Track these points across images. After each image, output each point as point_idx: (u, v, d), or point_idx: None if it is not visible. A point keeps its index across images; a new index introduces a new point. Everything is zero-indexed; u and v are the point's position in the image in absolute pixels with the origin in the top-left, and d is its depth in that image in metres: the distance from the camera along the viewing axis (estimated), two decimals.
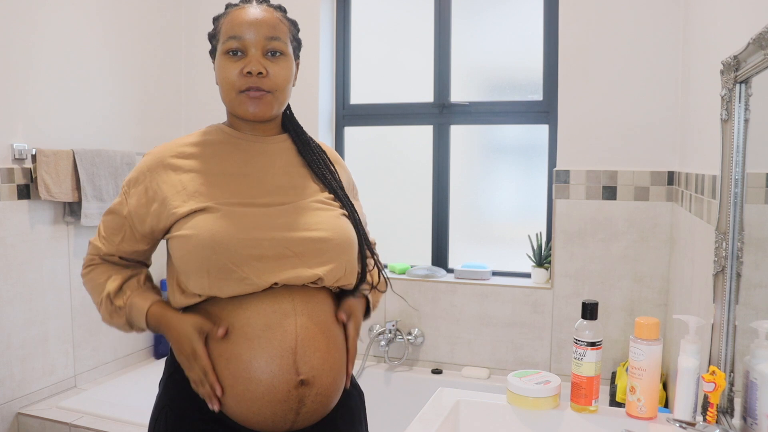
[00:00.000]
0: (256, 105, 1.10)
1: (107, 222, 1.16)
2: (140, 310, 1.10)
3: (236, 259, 1.03)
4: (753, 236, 1.10)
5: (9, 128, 2.09)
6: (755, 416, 0.97)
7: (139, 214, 1.11)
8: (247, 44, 1.09)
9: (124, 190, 1.14)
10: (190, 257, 1.05)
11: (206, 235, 1.03)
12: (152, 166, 1.12)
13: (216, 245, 1.03)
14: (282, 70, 1.11)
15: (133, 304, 1.11)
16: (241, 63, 1.09)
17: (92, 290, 1.17)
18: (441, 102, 2.65)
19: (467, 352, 2.53)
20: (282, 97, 1.13)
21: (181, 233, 1.06)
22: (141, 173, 1.12)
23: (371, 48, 2.82)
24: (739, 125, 1.13)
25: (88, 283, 1.18)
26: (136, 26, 2.60)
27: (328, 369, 1.07)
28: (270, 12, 1.12)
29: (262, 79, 1.09)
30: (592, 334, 1.16)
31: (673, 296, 2.12)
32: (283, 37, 1.12)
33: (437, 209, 2.71)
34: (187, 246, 1.05)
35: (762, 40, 0.96)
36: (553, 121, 2.46)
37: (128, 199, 1.12)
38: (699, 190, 1.61)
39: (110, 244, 1.15)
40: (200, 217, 1.05)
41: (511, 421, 1.19)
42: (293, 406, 1.04)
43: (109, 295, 1.12)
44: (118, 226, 1.14)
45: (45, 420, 2.07)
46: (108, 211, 1.17)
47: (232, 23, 1.10)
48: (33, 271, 2.17)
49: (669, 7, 2.17)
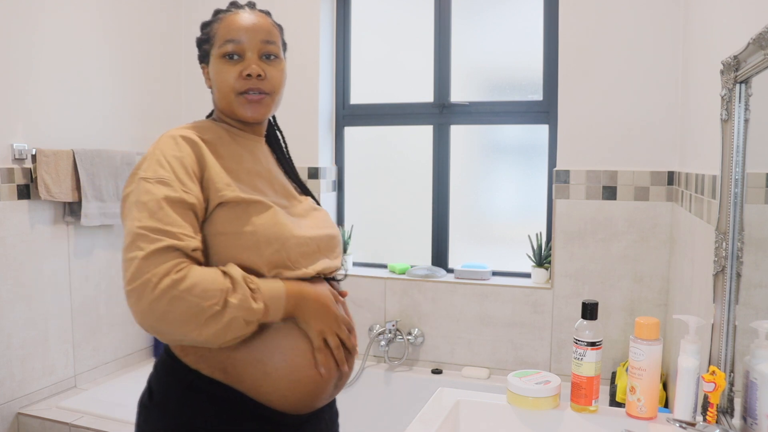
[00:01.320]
0: (255, 108, 1.12)
1: (170, 214, 0.97)
2: (277, 292, 1.02)
3: (292, 256, 1.08)
4: (753, 236, 1.10)
5: (9, 128, 2.09)
6: (755, 416, 0.97)
7: (201, 198, 1.02)
8: (245, 47, 1.12)
9: (168, 179, 0.99)
10: (248, 251, 1.03)
11: (270, 233, 1.05)
12: (194, 147, 1.05)
13: (276, 242, 1.05)
14: (278, 72, 1.15)
15: (264, 289, 1.01)
16: (239, 66, 1.11)
17: (204, 293, 0.94)
18: (441, 102, 2.65)
19: (467, 352, 2.53)
20: (278, 99, 1.17)
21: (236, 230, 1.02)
22: (185, 154, 1.03)
23: (371, 48, 2.82)
24: (739, 125, 1.13)
25: (194, 286, 0.94)
26: (136, 26, 2.60)
27: (353, 349, 1.16)
28: (263, 17, 1.17)
29: (261, 81, 1.11)
30: (592, 334, 1.16)
31: (673, 296, 2.12)
32: (277, 41, 1.16)
33: (437, 209, 2.71)
34: (243, 241, 1.03)
35: (762, 40, 0.96)
36: (553, 121, 2.46)
37: (184, 184, 1.00)
38: (699, 190, 1.61)
39: (194, 237, 0.99)
40: (253, 212, 1.04)
41: (511, 421, 1.19)
42: (331, 387, 1.12)
43: (245, 279, 0.99)
44: (187, 215, 0.99)
45: (45, 420, 2.07)
46: (168, 200, 0.98)
47: (228, 28, 1.13)
48: (33, 271, 2.17)
49: (669, 7, 2.17)
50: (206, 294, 0.94)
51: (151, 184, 0.99)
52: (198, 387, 1.05)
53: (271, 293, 1.01)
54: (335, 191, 2.84)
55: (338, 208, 2.85)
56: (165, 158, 1.02)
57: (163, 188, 0.99)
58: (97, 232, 2.42)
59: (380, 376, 2.56)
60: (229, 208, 1.04)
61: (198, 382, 1.05)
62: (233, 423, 1.06)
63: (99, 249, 2.44)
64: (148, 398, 1.11)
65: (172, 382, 1.08)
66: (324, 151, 2.75)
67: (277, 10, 2.63)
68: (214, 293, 0.95)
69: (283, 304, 1.03)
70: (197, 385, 1.05)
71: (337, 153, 2.84)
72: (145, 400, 1.12)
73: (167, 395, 1.08)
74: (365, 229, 2.81)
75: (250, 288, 0.99)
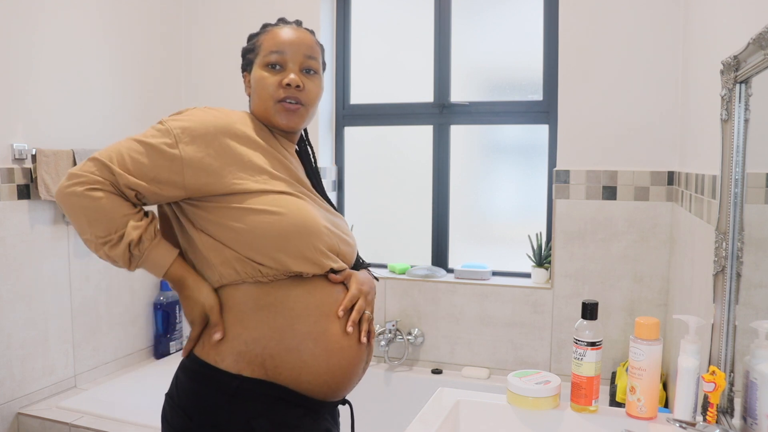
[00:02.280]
0: (290, 117, 1.19)
1: (138, 155, 1.08)
2: (161, 265, 1.12)
3: (318, 244, 1.13)
4: (753, 236, 1.10)
5: (9, 128, 2.09)
6: (755, 416, 0.97)
7: (194, 165, 1.08)
8: (287, 59, 1.19)
9: (175, 133, 1.09)
10: (271, 233, 1.08)
11: (299, 218, 1.10)
12: (221, 129, 1.11)
13: (306, 229, 1.11)
14: (315, 87, 1.22)
15: (152, 257, 1.11)
16: (280, 76, 1.18)
17: (100, 219, 1.07)
18: (441, 102, 2.65)
19: (467, 352, 2.53)
20: (312, 112, 1.23)
21: (264, 208, 1.09)
22: (208, 129, 1.10)
23: (371, 48, 2.82)
24: (739, 125, 1.13)
25: (95, 209, 1.07)
26: (136, 26, 2.60)
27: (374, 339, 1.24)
28: (307, 34, 1.24)
29: (299, 91, 1.18)
30: (592, 334, 1.16)
31: (673, 296, 2.12)
32: (318, 57, 1.24)
33: (437, 209, 2.71)
34: (269, 222, 1.08)
35: (762, 40, 0.96)
36: (553, 121, 2.46)
37: (183, 146, 1.08)
38: (699, 190, 1.61)
39: (139, 179, 1.08)
40: (284, 198, 1.11)
41: (511, 421, 1.19)
42: (363, 365, 1.20)
43: (130, 245, 1.08)
44: (155, 164, 1.08)
45: (45, 420, 2.07)
46: (140, 142, 1.09)
47: (274, 39, 1.21)
48: (33, 272, 2.17)
49: (669, 7, 2.17)
50: (99, 221, 1.08)
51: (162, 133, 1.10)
52: (243, 390, 1.08)
53: (149, 262, 1.11)
54: (335, 191, 2.84)
55: (338, 208, 2.85)
56: (191, 124, 1.10)
57: (156, 135, 1.10)
58: None
59: (380, 376, 2.56)
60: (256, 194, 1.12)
61: (243, 386, 1.08)
62: (284, 411, 1.11)
63: None
64: (189, 420, 1.10)
65: (212, 393, 1.09)
66: (324, 151, 2.75)
67: (277, 10, 2.64)
68: (100, 227, 1.08)
69: (161, 275, 1.12)
70: (242, 387, 1.08)
71: (337, 153, 2.84)
72: (184, 424, 1.11)
73: (212, 408, 1.09)
74: (365, 229, 2.81)
75: (132, 253, 1.10)
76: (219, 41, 2.79)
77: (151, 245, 1.10)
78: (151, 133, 1.11)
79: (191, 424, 1.10)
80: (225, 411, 1.08)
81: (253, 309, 1.10)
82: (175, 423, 1.13)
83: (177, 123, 1.10)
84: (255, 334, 1.09)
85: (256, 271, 1.09)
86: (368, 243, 2.83)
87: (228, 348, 1.10)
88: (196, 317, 1.12)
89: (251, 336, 1.09)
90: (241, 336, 1.10)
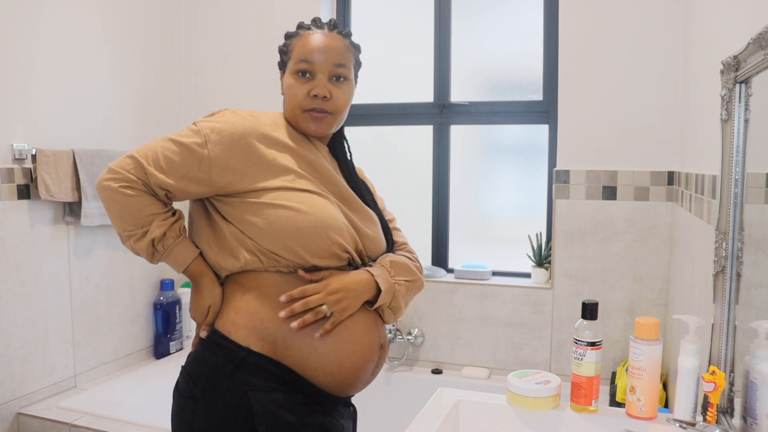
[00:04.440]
0: (318, 124, 1.23)
1: (171, 154, 1.16)
2: (182, 263, 1.20)
3: (337, 238, 1.17)
4: (753, 236, 1.10)
5: (9, 128, 2.09)
6: (755, 416, 0.97)
7: (221, 165, 1.15)
8: (316, 68, 1.22)
9: (205, 133, 1.16)
10: (287, 228, 1.13)
11: (318, 215, 1.15)
12: (248, 130, 1.17)
13: (323, 225, 1.15)
14: (344, 94, 1.25)
15: (175, 252, 1.19)
16: (309, 85, 1.21)
17: (128, 215, 1.17)
18: (441, 102, 2.65)
19: (467, 352, 2.53)
20: (341, 118, 1.27)
21: (283, 203, 1.14)
22: (236, 130, 1.16)
23: (371, 48, 2.81)
24: (739, 125, 1.13)
25: (126, 206, 1.17)
26: (136, 26, 2.60)
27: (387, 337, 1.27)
28: (339, 40, 1.26)
29: (326, 102, 1.21)
30: (592, 334, 1.16)
31: (673, 296, 2.12)
32: (348, 63, 1.26)
33: (437, 209, 2.71)
34: (286, 217, 1.13)
35: (762, 40, 0.96)
36: (553, 121, 2.46)
37: (212, 145, 1.15)
38: (699, 190, 1.61)
39: (170, 178, 1.16)
40: (307, 196, 1.16)
41: (511, 421, 1.19)
42: (373, 367, 1.22)
43: (153, 241, 1.18)
44: (186, 162, 1.16)
45: (45, 420, 2.07)
46: (174, 142, 1.17)
47: (304, 47, 1.23)
48: (33, 272, 2.17)
49: (669, 7, 2.17)
50: (127, 217, 1.17)
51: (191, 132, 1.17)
52: (248, 362, 1.13)
53: (172, 257, 1.20)
54: None
55: None
56: (221, 126, 1.17)
57: (188, 135, 1.17)
58: (97, 232, 2.42)
59: (380, 376, 2.56)
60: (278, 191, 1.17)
61: (249, 358, 1.13)
62: (284, 392, 1.13)
63: (99, 249, 2.44)
64: (193, 385, 1.16)
65: (219, 361, 1.14)
66: None
67: (277, 10, 2.65)
68: (127, 222, 1.18)
69: (181, 270, 1.21)
70: (248, 360, 1.13)
71: None
72: (188, 390, 1.17)
73: (216, 375, 1.14)
74: None
75: (156, 248, 1.19)
76: (219, 41, 2.79)
77: (175, 242, 1.19)
78: (185, 133, 1.18)
79: (194, 389, 1.15)
80: (226, 378, 1.13)
81: (273, 292, 1.15)
82: (181, 388, 1.19)
83: (208, 124, 1.17)
84: (272, 314, 1.14)
85: (276, 262, 1.15)
86: None
87: (243, 322, 1.15)
88: (200, 312, 1.20)
89: (268, 315, 1.15)
90: (259, 313, 1.15)
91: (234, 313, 1.17)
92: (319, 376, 1.15)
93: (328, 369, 1.15)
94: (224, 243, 1.18)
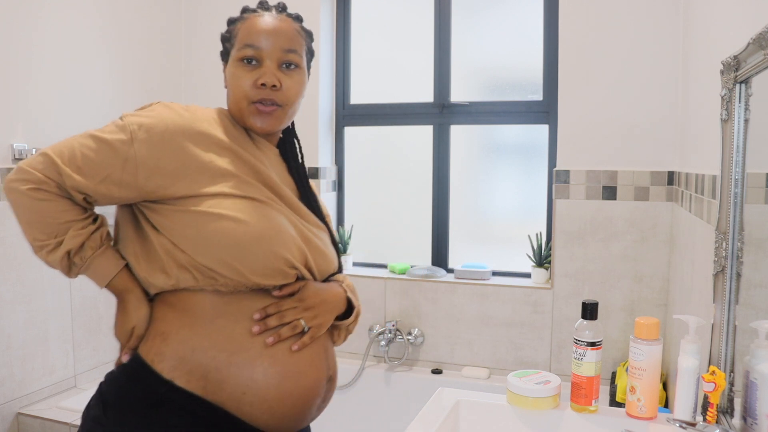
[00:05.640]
0: (265, 120, 1.08)
1: (91, 152, 1.00)
2: (104, 277, 1.03)
3: (285, 254, 1.02)
4: (753, 236, 1.10)
5: (9, 128, 2.09)
6: (755, 416, 0.97)
7: (149, 166, 0.98)
8: (263, 54, 1.07)
9: (132, 129, 1.00)
10: (227, 241, 0.98)
11: (260, 227, 1.00)
12: (181, 128, 1.01)
13: (268, 239, 1.00)
14: (295, 84, 1.09)
15: (95, 265, 1.03)
16: (256, 73, 1.06)
17: (39, 223, 1.01)
18: (441, 102, 2.65)
19: (467, 352, 2.53)
20: (291, 112, 1.11)
21: (222, 213, 0.98)
22: (167, 127, 1.00)
23: (371, 48, 2.82)
24: (739, 125, 1.13)
25: (35, 211, 1.01)
26: (136, 26, 2.60)
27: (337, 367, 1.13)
28: (288, 22, 1.11)
29: (275, 92, 1.07)
30: (592, 334, 1.16)
31: (673, 296, 2.12)
32: (299, 49, 1.11)
33: (437, 209, 2.71)
34: (226, 229, 0.98)
35: (762, 40, 0.96)
36: (553, 121, 2.46)
37: (137, 144, 0.99)
38: (699, 190, 1.61)
39: (89, 180, 0.99)
40: (248, 204, 1.01)
41: (511, 421, 1.19)
42: (319, 402, 1.09)
43: (69, 253, 1.02)
44: (108, 163, 0.99)
45: (45, 420, 2.07)
46: (95, 138, 1.01)
47: (249, 30, 1.08)
48: (33, 271, 2.17)
49: (669, 7, 2.17)
50: (37, 224, 1.03)
51: (117, 128, 1.02)
52: (169, 400, 0.98)
53: (91, 270, 1.04)
54: (335, 191, 2.84)
55: (338, 208, 2.85)
56: (150, 121, 1.01)
57: (113, 131, 1.02)
58: None
59: (380, 376, 2.56)
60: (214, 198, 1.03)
61: (170, 395, 0.98)
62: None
63: None
64: (102, 412, 1.00)
65: (136, 394, 0.99)
66: (324, 151, 2.75)
67: None
68: (39, 231, 1.03)
69: (103, 285, 1.04)
70: (169, 397, 0.98)
71: (337, 153, 2.84)
72: (98, 415, 1.01)
73: (130, 409, 0.98)
74: (365, 229, 2.81)
75: (73, 261, 1.03)
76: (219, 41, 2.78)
77: (95, 254, 1.02)
78: (109, 128, 1.02)
79: (104, 418, 1.00)
80: (139, 417, 0.98)
81: (210, 316, 1.00)
82: (92, 410, 1.03)
83: (136, 119, 1.01)
84: (206, 342, 0.99)
85: (213, 280, 0.99)
86: (368, 243, 2.83)
87: (171, 350, 0.99)
88: (123, 333, 1.03)
89: (201, 343, 0.99)
90: (190, 341, 0.99)
91: (160, 340, 1.00)
92: (255, 412, 1.00)
93: (267, 405, 1.00)
94: (154, 256, 1.01)
